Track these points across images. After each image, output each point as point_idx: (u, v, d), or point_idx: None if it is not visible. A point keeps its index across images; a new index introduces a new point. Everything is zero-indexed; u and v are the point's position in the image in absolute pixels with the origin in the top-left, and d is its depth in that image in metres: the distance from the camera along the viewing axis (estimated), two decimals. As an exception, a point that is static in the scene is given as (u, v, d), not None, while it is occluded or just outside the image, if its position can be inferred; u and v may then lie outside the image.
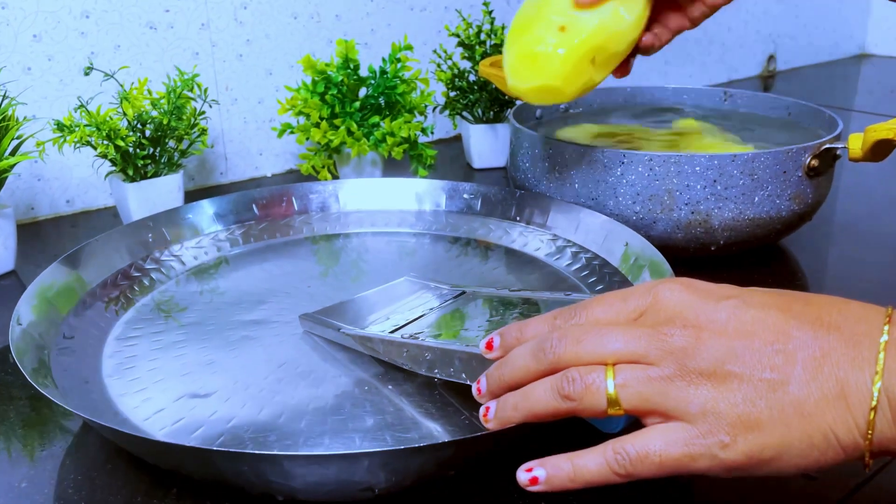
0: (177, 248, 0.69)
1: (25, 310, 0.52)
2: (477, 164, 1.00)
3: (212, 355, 0.54)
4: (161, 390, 0.50)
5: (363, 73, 0.92)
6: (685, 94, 0.92)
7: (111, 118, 0.75)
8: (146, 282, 0.64)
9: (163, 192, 0.80)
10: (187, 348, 0.55)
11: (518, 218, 0.73)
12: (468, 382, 0.45)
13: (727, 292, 0.35)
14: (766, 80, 1.60)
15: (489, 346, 0.40)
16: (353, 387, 0.50)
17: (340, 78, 0.88)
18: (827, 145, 0.67)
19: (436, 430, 0.46)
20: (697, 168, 0.64)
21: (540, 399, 0.36)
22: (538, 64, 0.58)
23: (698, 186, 0.65)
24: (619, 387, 0.33)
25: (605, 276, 0.63)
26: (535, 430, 0.41)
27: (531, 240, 0.71)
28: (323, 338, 0.56)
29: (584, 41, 0.57)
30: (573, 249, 0.68)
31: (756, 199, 0.66)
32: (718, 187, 0.65)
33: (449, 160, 1.05)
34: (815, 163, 0.66)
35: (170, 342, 0.56)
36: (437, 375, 0.47)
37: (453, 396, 0.48)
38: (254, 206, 0.75)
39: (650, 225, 0.67)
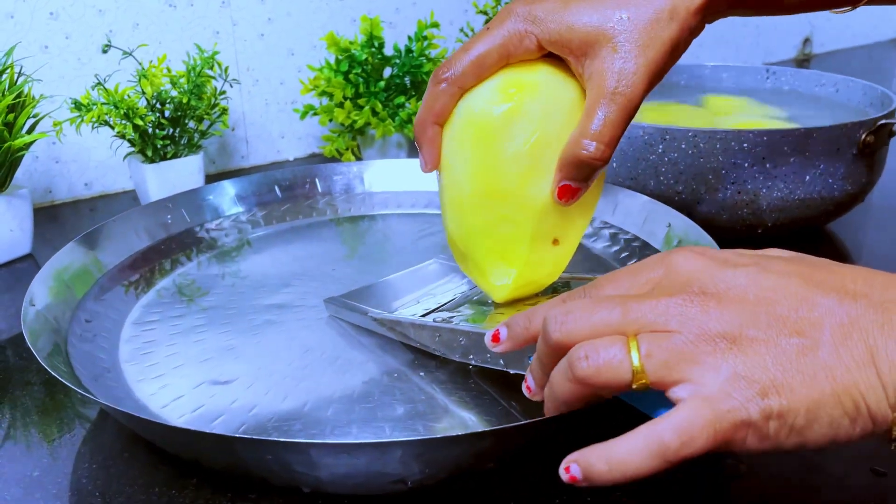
0: (197, 230, 0.66)
1: (40, 291, 0.50)
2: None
3: (233, 340, 0.51)
4: (180, 376, 0.47)
5: (388, 52, 0.89)
6: (724, 72, 0.88)
7: (129, 97, 0.73)
8: (166, 264, 0.62)
9: (183, 174, 0.78)
10: (208, 333, 0.52)
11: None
12: (507, 370, 0.42)
13: (744, 259, 0.32)
14: (802, 63, 1.55)
15: (495, 338, 0.37)
16: (381, 374, 0.47)
17: (365, 56, 0.85)
18: (883, 121, 0.63)
19: (470, 420, 0.43)
20: (745, 145, 0.61)
21: (560, 386, 0.33)
22: (537, 285, 0.47)
23: (746, 164, 0.61)
24: (645, 357, 0.30)
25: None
26: (580, 414, 0.38)
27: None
28: (349, 322, 0.53)
29: (577, 241, 0.46)
30: (611, 231, 0.64)
31: (807, 178, 0.62)
32: (768, 165, 0.61)
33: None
34: (870, 139, 0.62)
35: (189, 326, 0.53)
36: (472, 362, 0.44)
37: (489, 384, 0.45)
38: (276, 187, 0.72)
39: (693, 206, 0.63)
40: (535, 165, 0.42)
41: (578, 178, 0.42)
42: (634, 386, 0.31)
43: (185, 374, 0.48)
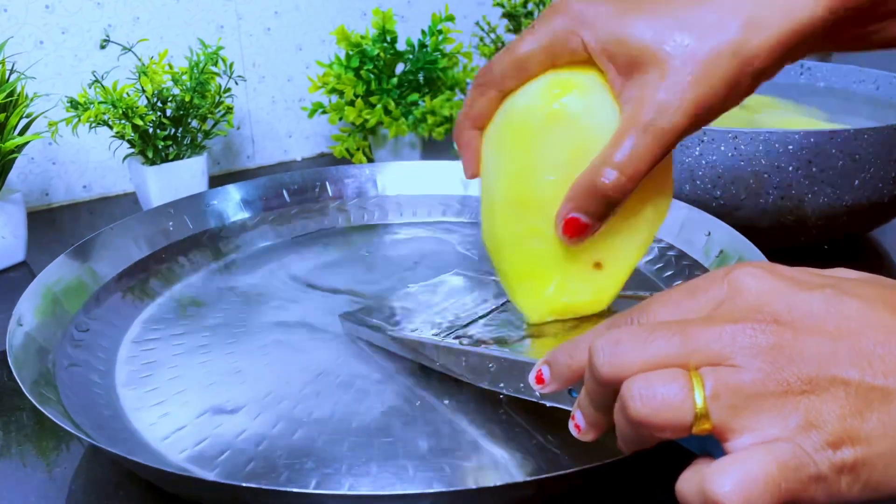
0: (201, 238, 0.62)
1: (27, 309, 0.46)
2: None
3: (239, 362, 0.47)
4: (182, 403, 0.43)
5: (400, 46, 0.84)
6: (756, 68, 0.83)
7: (128, 95, 0.69)
8: (167, 276, 0.58)
9: (185, 176, 0.74)
10: (212, 353, 0.48)
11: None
12: (543, 402, 0.37)
13: (818, 280, 0.28)
14: (825, 58, 1.49)
15: (539, 379, 0.33)
16: (402, 401, 0.43)
17: (376, 52, 0.81)
18: (938, 121, 0.58)
19: (502, 457, 0.38)
20: (790, 147, 0.56)
21: (621, 431, 0.28)
22: (573, 312, 0.42)
23: (790, 168, 0.57)
24: (710, 398, 0.26)
25: (684, 270, 0.55)
26: (630, 459, 0.34)
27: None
28: (366, 341, 0.48)
29: (629, 268, 0.41)
30: (643, 240, 0.60)
31: (856, 182, 0.58)
32: (814, 169, 0.57)
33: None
34: (924, 141, 0.58)
35: (192, 346, 0.49)
36: (503, 391, 0.40)
37: (522, 415, 0.41)
38: (284, 191, 0.68)
39: (731, 212, 0.59)
40: (573, 175, 0.37)
41: (590, 211, 0.37)
42: (694, 431, 0.27)
43: (188, 400, 0.43)
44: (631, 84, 0.36)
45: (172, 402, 0.43)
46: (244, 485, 0.31)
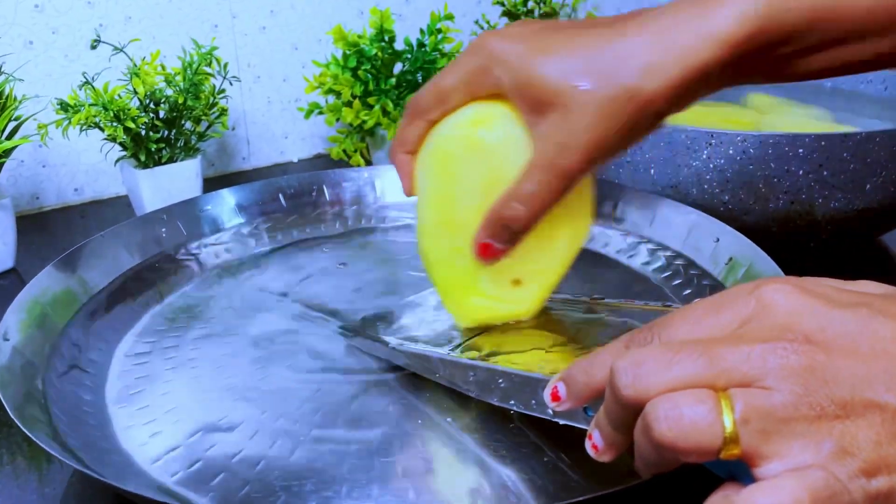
0: (194, 246, 0.60)
1: (13, 323, 0.44)
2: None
3: (234, 378, 0.45)
4: (174, 421, 0.41)
5: (398, 46, 0.82)
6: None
7: (120, 97, 0.67)
8: (160, 285, 0.56)
9: (179, 179, 0.72)
10: (206, 368, 0.46)
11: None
12: (556, 420, 0.36)
13: (850, 297, 0.27)
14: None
15: (555, 397, 0.32)
16: (404, 419, 0.41)
17: (374, 51, 0.79)
18: (952, 123, 0.57)
19: (509, 478, 0.37)
20: (801, 150, 0.55)
21: (644, 449, 0.27)
22: (504, 319, 0.45)
23: (801, 172, 0.55)
24: (740, 422, 0.25)
25: (692, 279, 0.54)
26: (649, 483, 0.32)
27: (596, 234, 0.61)
28: (367, 353, 0.47)
29: (549, 284, 0.44)
30: (650, 246, 0.58)
31: (868, 186, 0.56)
32: (825, 173, 0.55)
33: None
34: (938, 144, 0.56)
35: (185, 360, 0.47)
36: (514, 407, 0.38)
37: (533, 431, 0.40)
38: (280, 196, 0.66)
39: (740, 217, 0.58)
40: (487, 201, 0.41)
41: (498, 238, 0.41)
42: (722, 455, 0.25)
43: (181, 417, 0.42)
44: (539, 122, 0.38)
45: (164, 419, 0.42)
46: (240, 515, 0.30)
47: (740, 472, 0.27)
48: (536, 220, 0.40)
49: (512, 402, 0.38)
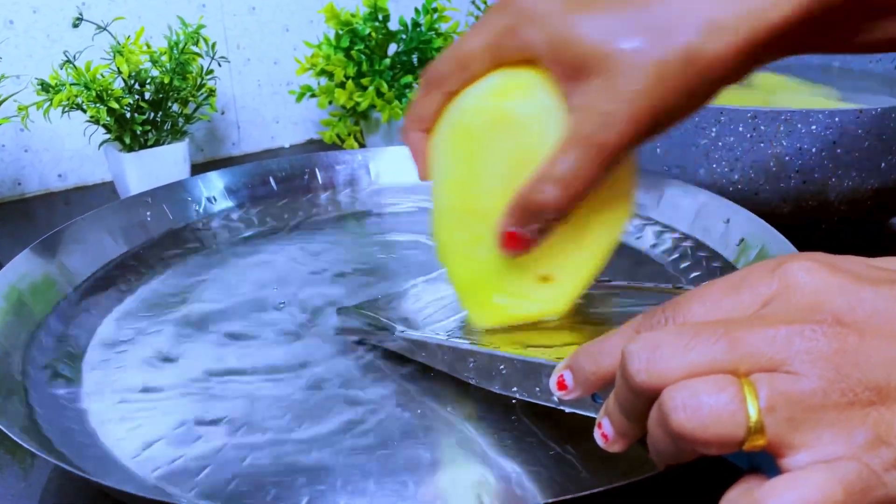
0: (181, 229, 0.58)
1: (-12, 310, 0.42)
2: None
3: (220, 368, 0.43)
4: (156, 415, 0.39)
5: (393, 26, 0.80)
6: (767, 46, 0.79)
7: (103, 76, 0.64)
8: (143, 271, 0.53)
9: (166, 163, 0.69)
10: (191, 355, 0.44)
11: (584, 191, 0.61)
12: (562, 408, 0.33)
13: (879, 274, 0.25)
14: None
15: (561, 386, 0.29)
16: (401, 409, 0.39)
17: (368, 31, 0.76)
18: (970, 99, 0.55)
19: (514, 472, 0.35)
20: (814, 127, 0.52)
21: (658, 440, 0.25)
22: (524, 320, 0.40)
23: (813, 150, 0.53)
24: (766, 410, 0.22)
25: (701, 261, 0.52)
26: (663, 475, 0.30)
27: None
28: (363, 341, 0.44)
29: (582, 282, 0.39)
30: (655, 228, 0.56)
31: (882, 165, 0.54)
32: (839, 151, 0.53)
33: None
34: (956, 120, 0.54)
35: (169, 347, 0.45)
36: (516, 395, 0.36)
37: (537, 423, 0.37)
38: (271, 179, 0.63)
39: (750, 197, 0.55)
40: (515, 184, 0.35)
41: (529, 226, 0.35)
42: (746, 447, 0.23)
43: (163, 410, 0.39)
44: (577, 90, 0.33)
45: (146, 413, 0.39)
46: (224, 512, 0.27)
47: (764, 462, 0.24)
48: (572, 206, 0.34)
49: (514, 389, 0.36)
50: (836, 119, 0.52)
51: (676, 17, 0.31)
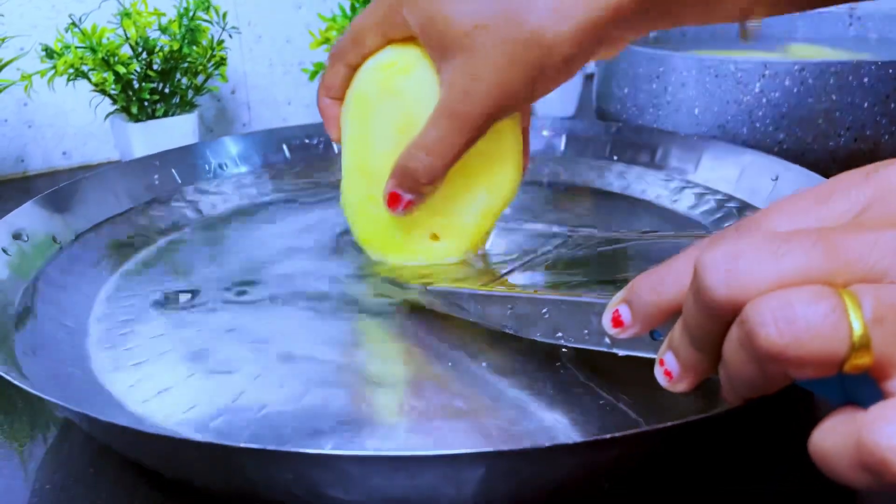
0: (190, 192, 0.54)
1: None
2: (540, 113, 0.85)
3: (235, 320, 0.39)
4: (166, 364, 0.36)
5: None
6: (799, 19, 0.76)
7: (109, 39, 0.62)
8: (150, 231, 0.50)
9: (175, 134, 0.66)
10: (201, 311, 0.40)
11: (616, 157, 0.58)
12: (615, 350, 0.30)
13: None
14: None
15: (616, 322, 0.26)
16: (430, 361, 0.35)
17: (385, 3, 0.74)
18: None
19: (559, 423, 0.31)
20: (866, 80, 0.49)
21: (739, 367, 0.21)
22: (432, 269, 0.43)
23: (865, 105, 0.50)
24: (872, 322, 0.19)
25: (747, 221, 0.48)
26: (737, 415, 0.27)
27: (632, 181, 0.56)
28: (384, 294, 0.41)
29: (469, 241, 0.42)
30: (696, 191, 0.53)
31: (939, 121, 0.51)
32: (893, 105, 0.50)
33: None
34: None
35: (178, 303, 0.41)
36: (561, 341, 0.32)
37: (584, 371, 0.34)
38: (285, 146, 0.60)
39: (797, 158, 0.52)
40: (400, 148, 0.39)
41: (406, 188, 0.39)
42: (847, 367, 0.20)
43: (174, 360, 0.36)
44: (446, 66, 0.37)
45: (155, 362, 0.36)
46: (244, 446, 0.24)
47: (862, 394, 0.21)
48: (443, 172, 0.38)
49: (559, 334, 0.32)
50: (891, 70, 0.49)
51: (527, 2, 0.35)
